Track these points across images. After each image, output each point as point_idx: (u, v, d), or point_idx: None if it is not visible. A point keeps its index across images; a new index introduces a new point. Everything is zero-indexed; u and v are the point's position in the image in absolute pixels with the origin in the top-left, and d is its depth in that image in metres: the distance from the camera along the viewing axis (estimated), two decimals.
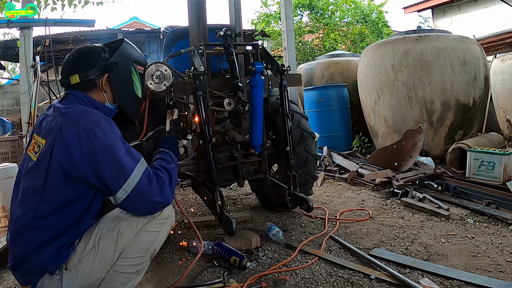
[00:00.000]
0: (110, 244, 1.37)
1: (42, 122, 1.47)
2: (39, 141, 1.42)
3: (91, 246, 1.37)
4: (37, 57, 4.73)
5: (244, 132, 2.32)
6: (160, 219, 1.46)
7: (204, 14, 2.33)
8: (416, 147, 3.56)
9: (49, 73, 4.75)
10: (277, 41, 9.88)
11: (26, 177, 1.39)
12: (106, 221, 1.42)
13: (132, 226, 1.40)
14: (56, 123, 1.38)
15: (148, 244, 1.44)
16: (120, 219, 1.41)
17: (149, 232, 1.44)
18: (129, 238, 1.40)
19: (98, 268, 1.37)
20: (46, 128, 1.41)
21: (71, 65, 1.55)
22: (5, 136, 5.10)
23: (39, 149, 1.39)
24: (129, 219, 1.41)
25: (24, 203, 1.36)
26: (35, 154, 1.41)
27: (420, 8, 10.77)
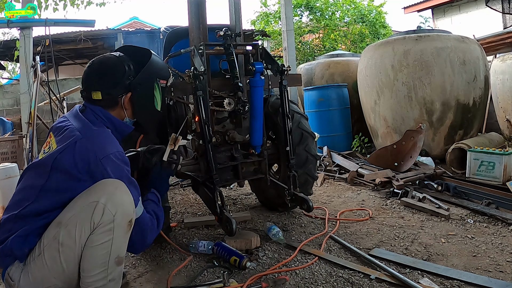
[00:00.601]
0: (54, 253, 1.28)
1: (62, 127, 1.47)
2: (52, 143, 1.44)
3: (38, 252, 1.30)
4: (37, 57, 4.73)
5: (244, 132, 2.32)
6: (105, 225, 1.28)
7: (204, 14, 2.33)
8: (416, 147, 3.56)
9: (49, 73, 4.74)
10: (277, 41, 9.89)
11: (29, 173, 1.44)
12: (52, 225, 1.32)
13: (71, 236, 1.27)
14: (73, 136, 1.39)
15: (105, 257, 1.30)
16: (60, 226, 1.29)
17: (99, 245, 1.28)
18: (72, 249, 1.27)
19: (48, 276, 1.29)
20: (63, 135, 1.43)
21: (94, 80, 1.54)
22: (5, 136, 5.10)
23: (49, 150, 1.42)
24: (68, 226, 1.27)
25: (20, 197, 1.39)
26: (43, 152, 1.44)
27: (420, 8, 10.77)
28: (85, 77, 1.57)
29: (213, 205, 2.05)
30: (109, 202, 1.28)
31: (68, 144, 1.36)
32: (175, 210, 3.04)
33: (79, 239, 1.27)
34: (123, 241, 1.35)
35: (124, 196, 1.33)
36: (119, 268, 1.37)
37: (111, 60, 1.58)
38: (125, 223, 1.33)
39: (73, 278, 1.33)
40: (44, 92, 4.76)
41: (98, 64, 1.57)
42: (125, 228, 1.33)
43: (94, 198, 1.29)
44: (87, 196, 1.31)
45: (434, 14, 10.62)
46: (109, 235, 1.29)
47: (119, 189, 1.33)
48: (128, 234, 1.36)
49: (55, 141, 1.44)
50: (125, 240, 1.36)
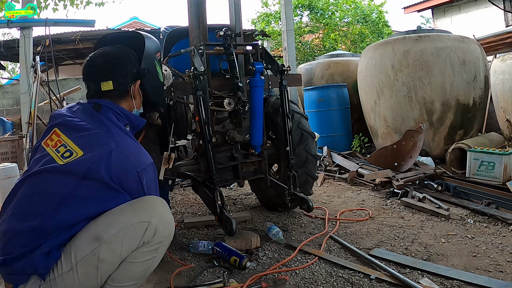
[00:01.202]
0: (90, 270, 1.21)
1: (77, 126, 1.36)
2: (69, 144, 1.31)
3: (68, 267, 1.21)
4: (37, 57, 4.73)
5: (244, 132, 2.32)
6: (153, 244, 1.26)
7: (204, 14, 2.33)
8: (416, 147, 3.56)
9: (49, 73, 4.74)
10: (277, 41, 9.89)
11: (44, 177, 1.28)
12: (85, 240, 1.22)
13: (115, 253, 1.22)
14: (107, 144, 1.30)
15: (143, 272, 1.30)
16: (100, 242, 1.21)
17: (142, 262, 1.27)
18: (113, 265, 1.23)
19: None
20: (87, 140, 1.32)
21: (103, 70, 1.47)
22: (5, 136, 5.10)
23: (70, 155, 1.28)
24: (112, 243, 1.21)
25: (31, 205, 1.24)
26: (62, 158, 1.29)
27: (420, 8, 10.78)
28: (90, 70, 1.50)
29: (213, 205, 2.05)
30: (161, 224, 1.27)
31: (102, 154, 1.28)
32: (175, 210, 3.04)
33: (122, 254, 1.24)
34: (161, 258, 1.35)
35: (171, 217, 1.34)
36: (145, 279, 1.38)
37: (119, 50, 1.54)
38: (169, 242, 1.35)
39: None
40: (44, 92, 4.76)
41: (103, 56, 1.51)
42: (167, 246, 1.35)
43: (145, 218, 1.25)
44: (135, 214, 1.26)
45: (434, 14, 10.63)
46: (153, 254, 1.29)
47: (167, 209, 1.33)
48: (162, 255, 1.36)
49: (71, 142, 1.32)
50: (162, 256, 1.36)
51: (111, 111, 1.43)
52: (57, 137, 1.35)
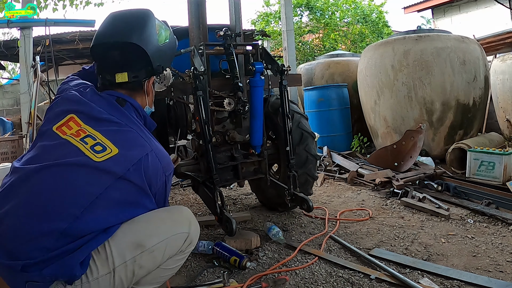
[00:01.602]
0: (128, 275, 1.20)
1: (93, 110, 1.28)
2: (99, 137, 1.22)
3: (106, 271, 1.16)
4: (37, 57, 4.73)
5: (244, 132, 2.32)
6: (186, 253, 1.35)
7: (204, 14, 2.33)
8: (416, 147, 3.56)
9: (49, 73, 4.74)
10: (277, 41, 9.89)
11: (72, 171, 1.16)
12: (125, 245, 1.18)
13: (155, 260, 1.24)
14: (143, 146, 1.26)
15: (168, 277, 1.37)
16: (143, 249, 1.20)
17: (171, 268, 1.33)
18: (149, 271, 1.26)
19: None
20: (116, 134, 1.25)
21: (119, 61, 1.42)
22: (5, 136, 5.10)
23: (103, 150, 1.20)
24: (154, 252, 1.22)
25: (60, 202, 1.12)
26: (93, 151, 1.18)
27: (420, 8, 10.78)
28: (104, 62, 1.45)
29: (213, 205, 2.05)
30: (195, 235, 1.35)
31: (141, 156, 1.23)
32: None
33: (160, 263, 1.27)
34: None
35: (198, 227, 1.39)
36: None
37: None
38: (191, 251, 1.39)
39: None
40: (44, 92, 4.76)
41: (120, 48, 1.43)
42: (188, 254, 1.39)
43: (185, 230, 1.31)
44: (175, 224, 1.30)
45: (434, 14, 10.63)
46: (182, 260, 1.36)
47: (193, 217, 1.38)
48: None
49: (101, 135, 1.23)
50: None
51: (133, 109, 1.39)
52: (77, 126, 1.24)
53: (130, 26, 1.46)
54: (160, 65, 1.50)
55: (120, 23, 1.49)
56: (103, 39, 1.46)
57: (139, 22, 1.48)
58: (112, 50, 1.44)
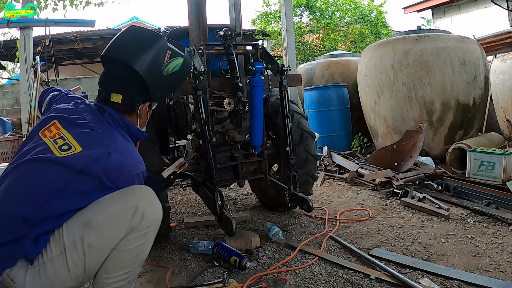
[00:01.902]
0: (79, 255, 1.22)
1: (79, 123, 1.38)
2: (68, 138, 1.33)
3: (58, 252, 1.22)
4: (37, 57, 4.73)
5: (244, 132, 2.32)
6: (141, 230, 1.29)
7: (204, 14, 2.33)
8: (416, 147, 3.56)
9: (49, 73, 4.75)
10: (277, 41, 9.89)
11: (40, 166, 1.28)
12: (74, 225, 1.24)
13: (103, 239, 1.24)
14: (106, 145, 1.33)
15: (135, 260, 1.32)
16: (89, 226, 1.23)
17: (132, 249, 1.29)
18: (102, 252, 1.25)
19: (66, 278, 1.24)
20: (87, 138, 1.34)
21: (118, 80, 1.50)
22: (5, 136, 5.10)
23: (68, 149, 1.30)
24: (101, 228, 1.23)
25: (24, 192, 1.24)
26: (59, 150, 1.30)
27: (420, 8, 10.76)
28: (106, 79, 1.53)
29: (213, 205, 2.06)
30: (147, 209, 1.30)
31: (101, 153, 1.30)
32: (175, 210, 3.04)
33: (112, 242, 1.26)
34: (150, 246, 1.36)
35: (158, 203, 1.36)
36: (139, 269, 1.39)
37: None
38: (157, 228, 1.36)
39: (89, 278, 1.31)
40: None
41: (123, 68, 1.50)
42: (156, 232, 1.36)
43: (133, 204, 1.28)
44: (123, 200, 1.29)
45: (434, 14, 10.62)
46: (142, 239, 1.30)
47: (154, 196, 1.36)
48: (152, 241, 1.37)
49: (71, 136, 1.34)
50: (151, 245, 1.37)
51: (112, 117, 1.45)
52: (56, 130, 1.37)
53: (137, 50, 1.52)
54: (159, 93, 1.56)
55: (131, 43, 1.55)
56: (112, 53, 1.55)
57: (147, 48, 1.53)
58: (116, 66, 1.52)
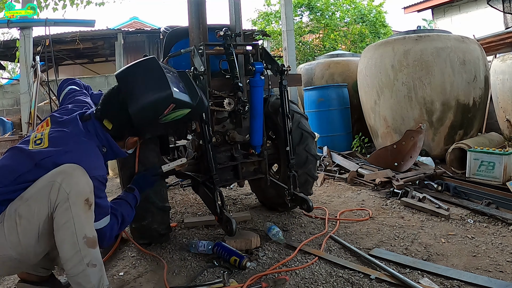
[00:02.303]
0: (12, 224, 1.36)
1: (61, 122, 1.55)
2: (45, 135, 1.50)
3: (0, 220, 1.37)
4: (37, 57, 4.73)
5: (244, 132, 2.32)
6: (62, 204, 1.36)
7: (204, 14, 2.33)
8: (416, 147, 3.56)
9: (49, 73, 4.74)
10: (277, 41, 9.89)
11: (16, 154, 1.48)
12: (16, 199, 1.40)
13: (30, 210, 1.35)
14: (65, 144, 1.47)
15: (72, 237, 1.36)
16: (21, 200, 1.38)
17: (63, 226, 1.36)
18: (30, 222, 1.35)
19: (5, 245, 1.36)
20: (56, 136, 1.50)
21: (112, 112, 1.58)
22: (5, 136, 5.10)
23: (39, 144, 1.48)
24: (28, 201, 1.36)
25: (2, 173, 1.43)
26: (34, 143, 1.48)
27: (420, 8, 10.76)
28: (107, 100, 1.61)
29: (213, 205, 2.05)
30: (64, 182, 1.36)
31: (58, 151, 1.45)
32: (175, 210, 3.04)
33: (37, 214, 1.36)
34: (85, 220, 1.39)
35: (80, 178, 1.40)
36: (93, 251, 1.42)
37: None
38: (81, 202, 1.38)
39: (28, 252, 1.40)
40: (44, 92, 4.76)
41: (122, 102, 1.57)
42: (81, 206, 1.39)
43: (53, 178, 1.38)
44: (48, 176, 1.40)
45: (434, 14, 10.62)
46: (68, 214, 1.36)
47: (76, 171, 1.41)
48: (88, 213, 1.41)
49: (48, 133, 1.51)
50: (88, 220, 1.41)
51: (95, 129, 1.58)
52: (46, 126, 1.56)
53: (139, 91, 1.55)
54: (150, 135, 1.70)
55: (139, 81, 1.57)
56: (120, 79, 1.61)
57: (150, 94, 1.54)
58: (118, 94, 1.60)
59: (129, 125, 1.60)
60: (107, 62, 12.01)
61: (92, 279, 1.41)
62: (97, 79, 9.43)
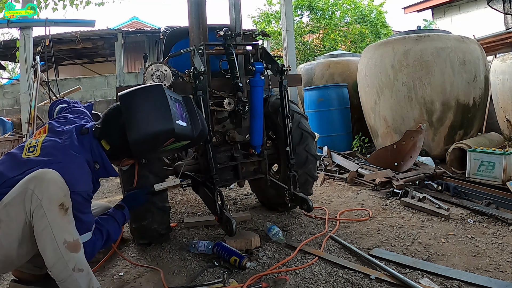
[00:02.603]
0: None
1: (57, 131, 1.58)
2: (38, 142, 1.53)
3: None
4: (37, 57, 4.73)
5: (244, 132, 2.32)
6: (38, 210, 1.34)
7: (204, 14, 2.33)
8: (416, 147, 3.56)
9: (49, 73, 4.74)
10: (277, 41, 9.89)
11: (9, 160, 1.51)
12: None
13: (9, 214, 1.36)
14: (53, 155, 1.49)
15: (53, 244, 1.35)
16: (3, 205, 1.38)
17: (42, 233, 1.35)
18: (9, 226, 1.35)
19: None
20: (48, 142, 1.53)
21: (112, 133, 1.58)
22: (5, 136, 5.10)
23: (32, 152, 1.51)
24: (7, 206, 1.36)
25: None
26: (28, 151, 1.51)
27: (420, 8, 10.77)
28: (108, 121, 1.60)
29: (213, 205, 2.06)
30: (36, 188, 1.35)
31: (45, 161, 1.47)
32: (175, 210, 3.04)
33: (16, 219, 1.36)
34: (62, 226, 1.37)
35: (51, 182, 1.38)
36: (76, 255, 1.39)
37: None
38: (55, 207, 1.36)
39: (11, 255, 1.40)
40: (44, 92, 4.76)
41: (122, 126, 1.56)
42: (57, 212, 1.36)
43: (26, 185, 1.38)
44: (22, 182, 1.40)
45: (434, 14, 10.63)
46: (44, 221, 1.35)
47: (48, 176, 1.39)
48: (65, 217, 1.38)
49: (42, 142, 1.54)
50: (65, 225, 1.38)
51: (90, 145, 1.58)
52: (43, 133, 1.58)
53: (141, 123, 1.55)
54: (147, 159, 1.76)
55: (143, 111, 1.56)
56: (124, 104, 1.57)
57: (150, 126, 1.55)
58: (120, 117, 1.58)
59: (126, 150, 1.60)
60: (107, 62, 12.03)
61: (81, 283, 1.39)
62: (97, 79, 9.44)
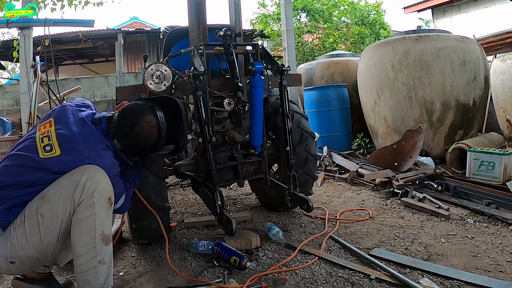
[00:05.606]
0: (34, 224, 1.40)
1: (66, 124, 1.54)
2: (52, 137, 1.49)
3: (21, 221, 1.41)
4: (37, 57, 4.73)
5: (244, 132, 2.32)
6: (86, 201, 1.42)
7: (204, 14, 2.33)
8: (416, 147, 3.56)
9: (49, 73, 4.74)
10: (277, 41, 9.88)
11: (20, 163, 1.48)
12: (35, 199, 1.44)
13: (53, 210, 1.40)
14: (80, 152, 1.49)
15: (91, 233, 1.42)
16: (43, 200, 1.42)
17: (84, 221, 1.41)
18: (53, 222, 1.40)
19: (25, 245, 1.41)
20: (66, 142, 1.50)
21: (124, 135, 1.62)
22: (5, 136, 5.10)
23: (50, 151, 1.47)
24: (51, 201, 1.41)
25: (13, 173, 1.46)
26: (43, 150, 1.47)
27: (420, 8, 10.78)
28: (120, 123, 1.62)
29: (213, 205, 2.05)
30: (89, 181, 1.43)
31: (75, 160, 1.47)
32: (175, 210, 3.04)
33: (60, 213, 1.40)
34: (105, 218, 1.46)
35: (102, 177, 1.47)
36: (106, 248, 1.47)
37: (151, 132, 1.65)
38: (104, 200, 1.46)
39: (47, 251, 1.45)
40: (44, 92, 4.75)
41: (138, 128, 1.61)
42: (104, 204, 1.46)
43: (76, 178, 1.43)
44: (70, 176, 1.44)
45: (434, 14, 10.63)
46: (90, 210, 1.42)
47: (98, 171, 1.47)
48: (109, 211, 1.48)
49: (55, 138, 1.50)
50: (107, 217, 1.48)
51: (104, 133, 1.60)
52: (49, 127, 1.55)
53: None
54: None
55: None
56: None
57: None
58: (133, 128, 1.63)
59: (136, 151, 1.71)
60: (107, 62, 12.02)
61: (101, 276, 1.45)
62: (97, 79, 9.44)
